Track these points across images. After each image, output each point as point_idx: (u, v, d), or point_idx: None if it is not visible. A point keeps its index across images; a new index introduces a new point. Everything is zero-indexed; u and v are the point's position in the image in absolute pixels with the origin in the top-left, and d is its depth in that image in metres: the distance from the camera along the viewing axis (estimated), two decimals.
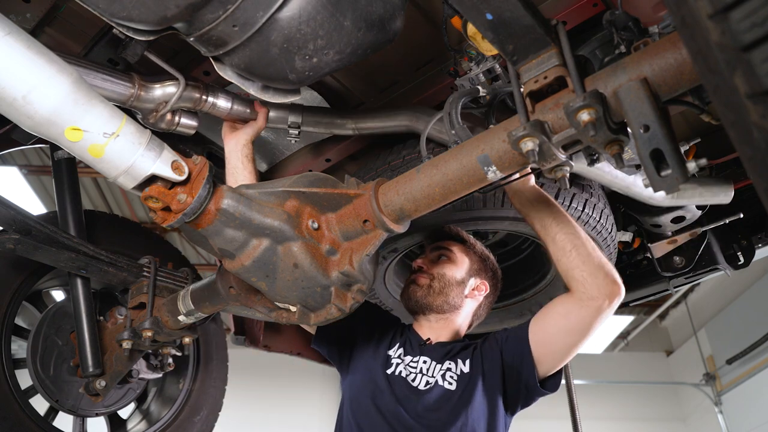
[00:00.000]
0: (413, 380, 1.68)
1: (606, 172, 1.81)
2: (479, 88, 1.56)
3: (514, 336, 1.68)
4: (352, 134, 1.99)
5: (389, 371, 1.73)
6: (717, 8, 0.63)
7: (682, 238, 2.32)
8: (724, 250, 2.38)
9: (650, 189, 1.92)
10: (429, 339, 1.81)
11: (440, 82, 1.93)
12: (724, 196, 2.11)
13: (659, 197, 2.00)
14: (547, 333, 1.62)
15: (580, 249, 1.57)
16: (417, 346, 1.79)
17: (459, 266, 1.88)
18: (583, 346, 1.63)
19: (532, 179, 1.73)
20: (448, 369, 1.69)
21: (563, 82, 1.19)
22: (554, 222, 1.61)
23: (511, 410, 1.68)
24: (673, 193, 1.99)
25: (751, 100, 0.63)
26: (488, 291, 1.92)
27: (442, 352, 1.75)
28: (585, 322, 1.56)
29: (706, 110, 1.24)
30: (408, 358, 1.75)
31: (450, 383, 1.66)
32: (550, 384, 1.66)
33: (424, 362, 1.72)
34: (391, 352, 1.79)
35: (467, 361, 1.70)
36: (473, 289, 1.88)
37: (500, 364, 1.66)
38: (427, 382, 1.67)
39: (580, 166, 1.76)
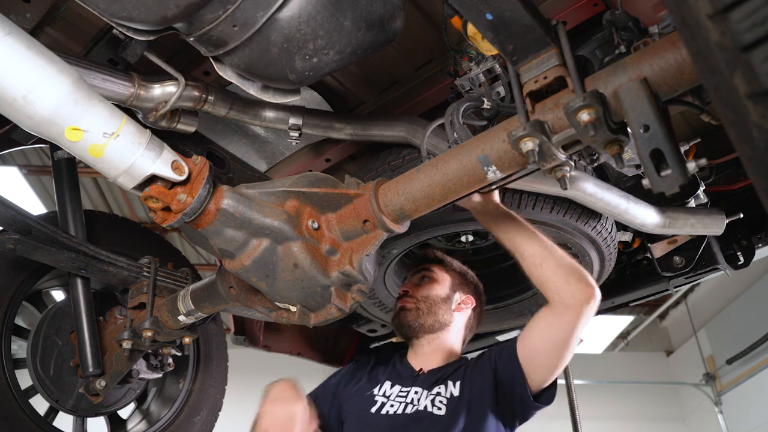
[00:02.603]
0: (397, 411, 1.68)
1: (599, 198, 1.83)
2: (483, 99, 1.56)
3: (506, 353, 1.69)
4: (349, 139, 1.99)
5: (373, 410, 1.72)
6: (717, 8, 0.63)
7: (682, 238, 2.31)
8: (724, 250, 2.38)
9: (642, 217, 1.96)
10: (421, 369, 1.81)
11: (440, 82, 1.93)
12: (716, 228, 2.13)
13: (651, 225, 2.01)
14: (534, 348, 1.63)
15: (550, 261, 1.58)
16: (409, 378, 1.79)
17: (442, 284, 1.92)
18: (570, 356, 1.63)
19: (497, 197, 1.72)
20: (438, 393, 1.70)
21: (563, 82, 1.19)
22: (521, 238, 1.62)
23: (510, 425, 1.68)
24: (665, 225, 2.02)
25: (751, 100, 0.63)
26: (474, 304, 1.95)
27: (433, 379, 1.76)
28: (567, 331, 1.58)
29: (706, 110, 1.24)
30: (396, 389, 1.74)
31: (439, 408, 1.66)
32: (544, 398, 1.67)
33: (416, 393, 1.72)
34: (375, 390, 1.78)
35: (457, 384, 1.71)
36: (460, 303, 1.91)
37: (492, 381, 1.67)
38: (416, 411, 1.67)
39: (572, 192, 1.77)
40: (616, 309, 2.79)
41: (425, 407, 1.66)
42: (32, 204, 6.07)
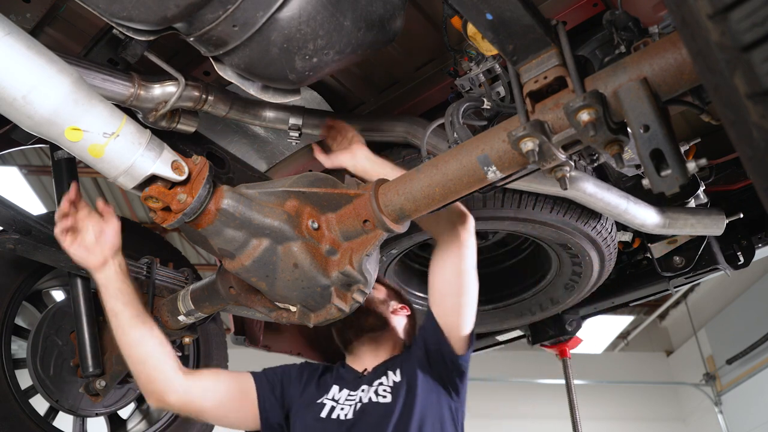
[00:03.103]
0: (347, 414, 1.67)
1: (599, 198, 1.83)
2: (484, 99, 1.56)
3: (427, 323, 1.76)
4: None
5: (323, 414, 1.71)
6: (717, 8, 0.63)
7: (682, 238, 2.32)
8: (724, 250, 2.38)
9: (642, 217, 1.96)
10: (365, 369, 1.82)
11: (440, 82, 1.93)
12: (716, 228, 2.13)
13: (651, 225, 2.02)
14: (439, 293, 1.71)
15: (441, 214, 1.66)
16: (354, 380, 1.78)
17: (378, 291, 1.97)
18: (472, 290, 1.69)
19: (363, 148, 1.78)
20: (380, 384, 1.72)
21: (563, 82, 1.19)
22: None
23: (454, 390, 1.73)
24: (665, 225, 2.03)
25: (751, 100, 0.63)
26: (410, 313, 2.00)
27: (376, 374, 1.77)
28: (458, 258, 1.66)
29: (706, 110, 1.24)
30: (345, 393, 1.74)
31: (384, 396, 1.68)
32: (468, 346, 1.73)
33: (362, 391, 1.73)
34: (325, 396, 1.77)
35: (397, 371, 1.74)
36: (396, 308, 1.96)
37: (425, 355, 1.73)
38: (362, 405, 1.67)
39: (573, 192, 1.78)
40: (616, 309, 2.79)
41: (369, 399, 1.68)
42: (32, 204, 6.07)
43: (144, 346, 1.55)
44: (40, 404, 1.95)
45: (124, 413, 2.28)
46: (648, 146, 1.04)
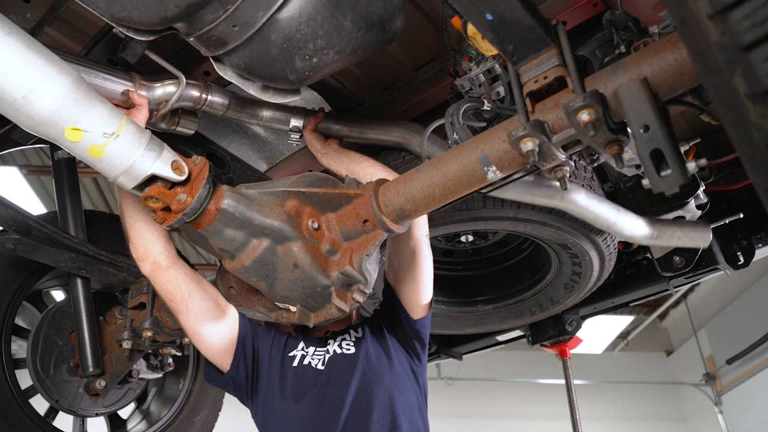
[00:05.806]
0: (318, 365, 1.74)
1: (589, 211, 1.83)
2: (484, 101, 1.56)
3: (385, 293, 1.82)
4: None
5: (295, 363, 1.75)
6: (717, 8, 0.63)
7: None
8: (724, 250, 2.38)
9: (630, 229, 1.96)
10: (328, 330, 1.86)
11: (440, 82, 1.93)
12: (701, 240, 2.14)
13: (639, 237, 2.02)
14: (396, 263, 1.74)
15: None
16: (320, 340, 1.82)
17: None
18: (426, 260, 1.72)
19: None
20: (343, 339, 1.79)
21: (563, 82, 1.19)
22: (364, 169, 1.77)
23: (415, 355, 1.78)
24: (654, 237, 2.03)
25: (751, 100, 0.63)
26: None
27: (339, 332, 1.83)
28: (412, 228, 1.68)
29: (706, 110, 1.24)
30: (312, 348, 1.79)
31: (348, 348, 1.75)
32: (426, 312, 1.77)
33: (329, 344, 1.79)
34: (293, 351, 1.79)
35: (359, 328, 1.82)
36: None
37: (384, 320, 1.80)
38: (329, 358, 1.74)
39: (564, 204, 1.78)
40: (616, 309, 2.79)
41: (335, 351, 1.75)
42: (32, 204, 6.07)
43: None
44: (40, 404, 1.95)
45: (124, 413, 2.28)
46: (648, 146, 1.04)
